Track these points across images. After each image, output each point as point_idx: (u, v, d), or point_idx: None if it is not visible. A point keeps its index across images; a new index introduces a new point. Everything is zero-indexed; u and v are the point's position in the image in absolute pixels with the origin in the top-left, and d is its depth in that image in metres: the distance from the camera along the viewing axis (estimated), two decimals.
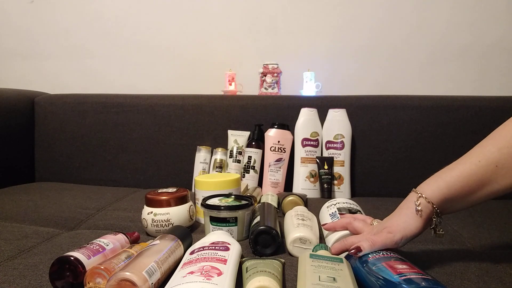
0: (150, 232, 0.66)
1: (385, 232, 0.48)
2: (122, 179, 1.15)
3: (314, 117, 1.05)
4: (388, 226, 0.49)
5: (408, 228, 0.48)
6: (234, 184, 0.72)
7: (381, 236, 0.48)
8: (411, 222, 0.48)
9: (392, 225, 0.49)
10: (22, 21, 1.46)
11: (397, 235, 0.47)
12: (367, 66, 1.33)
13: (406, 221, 0.48)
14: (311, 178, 1.02)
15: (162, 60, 1.42)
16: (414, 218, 0.48)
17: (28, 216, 0.76)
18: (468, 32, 1.27)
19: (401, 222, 0.48)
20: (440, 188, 0.48)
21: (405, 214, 0.49)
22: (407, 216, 0.48)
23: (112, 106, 1.17)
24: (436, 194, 0.48)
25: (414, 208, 0.48)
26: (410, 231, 0.48)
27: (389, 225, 0.49)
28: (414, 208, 0.48)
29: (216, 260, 0.43)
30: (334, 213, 0.63)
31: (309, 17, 1.33)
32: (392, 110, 1.07)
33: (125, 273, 0.39)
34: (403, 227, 0.48)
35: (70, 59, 1.46)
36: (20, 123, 1.16)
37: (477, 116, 1.04)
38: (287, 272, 0.49)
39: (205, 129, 1.13)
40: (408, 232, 0.47)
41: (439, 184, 0.48)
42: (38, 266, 0.51)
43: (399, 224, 0.48)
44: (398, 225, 0.48)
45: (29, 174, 1.19)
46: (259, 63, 1.26)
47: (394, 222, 0.49)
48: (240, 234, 0.62)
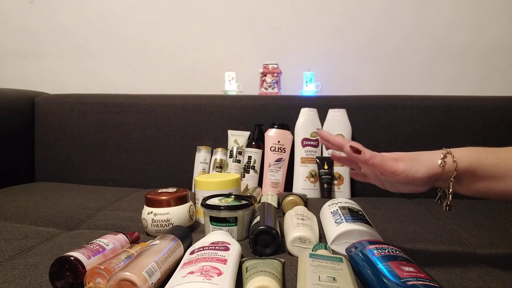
0: (150, 232, 0.66)
1: (390, 157, 0.45)
2: (122, 179, 1.15)
3: (314, 117, 1.05)
4: (397, 156, 0.46)
5: (416, 167, 0.44)
6: (234, 184, 0.72)
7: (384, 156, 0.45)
8: (423, 167, 0.45)
9: (401, 156, 0.46)
10: (22, 21, 1.46)
11: (400, 165, 0.44)
12: (367, 66, 1.33)
13: (418, 160, 0.45)
14: (311, 178, 1.02)
15: (162, 60, 1.42)
16: (427, 164, 0.45)
17: (28, 216, 0.76)
18: (468, 32, 1.27)
19: (412, 158, 0.45)
20: (471, 155, 0.45)
21: (421, 156, 0.46)
22: (422, 158, 0.45)
23: (112, 106, 1.17)
24: (465, 159, 0.45)
25: (435, 157, 0.45)
26: (416, 171, 0.44)
27: (399, 155, 0.46)
28: (435, 157, 0.45)
29: (216, 260, 0.43)
30: (336, 211, 0.64)
31: (309, 17, 1.33)
32: (392, 110, 1.07)
33: (125, 273, 0.39)
34: (411, 164, 0.45)
35: (70, 59, 1.46)
36: (20, 123, 1.16)
37: (477, 116, 1.04)
38: (287, 272, 0.49)
39: (205, 129, 1.13)
40: (413, 172, 0.44)
41: (471, 152, 0.45)
42: (38, 266, 0.51)
43: (410, 159, 0.45)
44: (408, 159, 0.45)
45: (29, 174, 1.19)
46: (259, 63, 1.26)
47: (405, 155, 0.46)
48: (240, 234, 0.62)
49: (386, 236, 0.64)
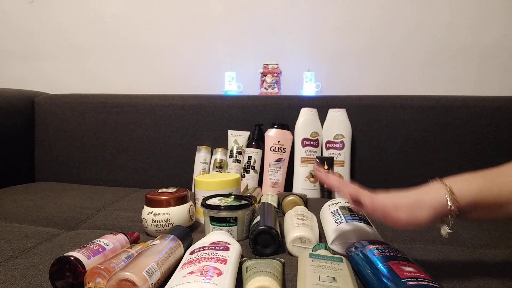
0: (150, 232, 0.66)
1: (391, 204, 0.43)
2: (122, 179, 1.15)
3: (314, 117, 1.05)
4: (398, 202, 0.43)
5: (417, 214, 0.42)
6: (234, 184, 0.72)
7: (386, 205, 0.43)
8: (424, 212, 0.42)
9: (401, 204, 0.43)
10: (22, 21, 1.46)
11: (402, 215, 0.42)
12: (367, 66, 1.33)
13: (419, 206, 0.42)
14: (311, 178, 1.02)
15: (162, 60, 1.42)
16: (428, 208, 0.42)
17: (28, 216, 0.76)
18: (468, 32, 1.27)
19: (412, 204, 0.43)
20: (472, 189, 0.42)
21: (421, 198, 0.43)
22: (422, 201, 0.43)
23: (112, 106, 1.17)
24: (466, 195, 0.42)
25: (436, 199, 0.42)
26: (417, 218, 0.42)
27: (399, 203, 0.43)
28: (436, 198, 0.42)
29: (216, 260, 0.43)
30: (336, 211, 0.64)
31: (309, 17, 1.33)
32: (392, 110, 1.07)
33: (125, 273, 0.39)
34: (412, 212, 0.42)
35: (70, 59, 1.46)
36: (20, 123, 1.16)
37: (477, 116, 1.03)
38: (287, 272, 0.49)
39: (205, 129, 1.13)
40: (415, 219, 0.42)
41: (472, 185, 0.42)
42: (38, 266, 0.51)
43: (410, 207, 0.43)
44: (409, 207, 0.42)
45: (29, 174, 1.19)
46: (259, 63, 1.26)
47: (405, 201, 0.43)
48: (240, 234, 0.62)
49: (386, 236, 0.64)
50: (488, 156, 1.00)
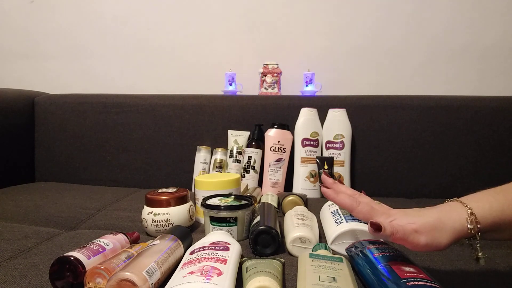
0: (150, 232, 0.66)
1: (411, 229, 0.40)
2: (122, 179, 1.15)
3: (314, 117, 1.05)
4: (417, 223, 0.40)
5: (438, 238, 0.39)
6: (234, 184, 0.72)
7: (406, 230, 0.39)
8: (445, 235, 0.39)
9: (422, 227, 0.40)
10: (22, 21, 1.46)
11: (422, 239, 0.39)
12: (367, 66, 1.33)
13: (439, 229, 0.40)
14: (311, 178, 1.02)
15: (162, 60, 1.42)
16: (450, 231, 0.40)
17: (28, 216, 0.76)
18: (467, 32, 1.27)
19: (433, 228, 0.40)
20: (493, 210, 0.40)
21: (441, 222, 0.40)
22: (443, 224, 0.40)
23: (112, 106, 1.17)
24: (487, 216, 0.39)
25: (457, 221, 0.40)
26: (439, 242, 0.39)
27: (419, 227, 0.40)
28: (457, 221, 0.40)
29: (216, 260, 0.43)
30: (336, 211, 0.64)
31: (309, 17, 1.33)
32: (392, 110, 1.07)
33: (125, 273, 0.39)
34: (433, 236, 0.39)
35: (70, 59, 1.46)
36: (20, 123, 1.16)
37: (477, 116, 1.03)
38: (287, 272, 0.49)
39: (205, 129, 1.13)
40: (436, 243, 0.39)
41: (492, 206, 0.40)
42: (38, 266, 0.51)
43: (431, 231, 0.39)
44: (429, 231, 0.39)
45: (29, 174, 1.19)
46: (259, 63, 1.26)
47: (425, 225, 0.40)
48: (240, 234, 0.62)
49: None
50: (488, 156, 1.00)
